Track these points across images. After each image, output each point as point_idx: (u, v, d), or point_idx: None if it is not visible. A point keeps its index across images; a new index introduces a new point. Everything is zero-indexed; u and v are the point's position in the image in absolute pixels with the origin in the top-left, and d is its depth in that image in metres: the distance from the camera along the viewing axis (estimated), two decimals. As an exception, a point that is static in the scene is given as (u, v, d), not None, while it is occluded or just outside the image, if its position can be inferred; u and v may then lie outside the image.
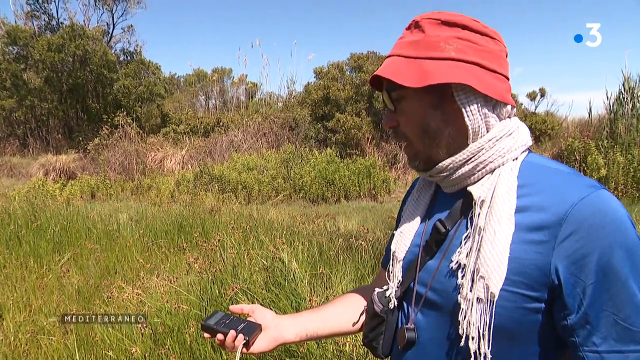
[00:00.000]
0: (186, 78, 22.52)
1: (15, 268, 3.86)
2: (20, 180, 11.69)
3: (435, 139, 0.68)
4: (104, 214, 6.19)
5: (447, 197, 0.74)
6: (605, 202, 0.58)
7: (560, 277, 0.58)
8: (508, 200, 0.62)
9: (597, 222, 0.57)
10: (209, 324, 0.86)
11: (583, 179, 0.62)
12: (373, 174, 9.59)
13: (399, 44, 0.72)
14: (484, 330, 0.60)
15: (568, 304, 0.58)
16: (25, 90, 14.80)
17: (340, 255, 3.73)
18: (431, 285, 0.69)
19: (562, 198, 0.59)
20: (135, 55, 17.49)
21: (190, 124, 14.14)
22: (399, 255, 0.78)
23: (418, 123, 0.69)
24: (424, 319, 0.71)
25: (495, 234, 0.61)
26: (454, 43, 0.66)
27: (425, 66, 0.65)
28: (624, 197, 7.68)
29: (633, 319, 0.56)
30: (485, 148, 0.66)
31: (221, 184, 9.20)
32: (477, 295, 0.61)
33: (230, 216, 5.60)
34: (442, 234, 0.70)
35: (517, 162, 0.67)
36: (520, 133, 0.69)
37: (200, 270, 2.53)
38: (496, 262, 0.60)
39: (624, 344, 0.56)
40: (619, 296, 0.56)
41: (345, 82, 13.06)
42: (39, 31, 16.84)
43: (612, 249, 0.56)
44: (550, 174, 0.64)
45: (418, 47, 0.67)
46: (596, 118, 10.88)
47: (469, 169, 0.67)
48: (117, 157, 11.74)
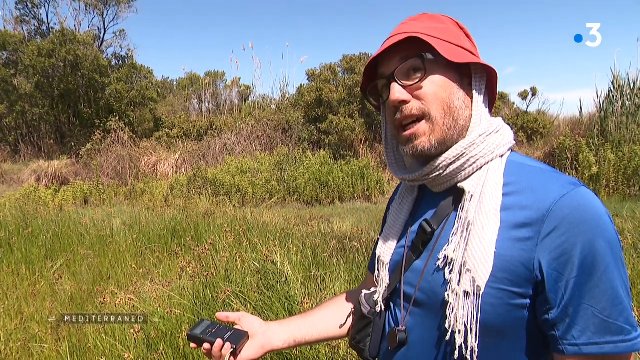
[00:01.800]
0: (179, 82, 22.45)
1: (6, 275, 3.82)
2: (12, 186, 11.57)
3: (456, 118, 0.68)
4: (97, 219, 6.15)
5: (433, 197, 0.75)
6: (585, 199, 0.60)
7: (544, 272, 0.59)
8: (495, 196, 0.64)
9: (578, 218, 0.58)
10: (195, 333, 0.86)
11: (563, 177, 0.63)
12: (367, 175, 9.60)
13: (414, 26, 0.70)
14: (471, 324, 0.61)
15: (550, 298, 0.59)
16: (15, 96, 14.66)
17: (334, 257, 3.74)
18: (419, 286, 0.70)
19: (544, 196, 0.61)
20: (127, 60, 17.38)
21: (184, 127, 14.08)
22: (385, 259, 0.78)
23: (446, 97, 0.67)
24: (412, 320, 0.71)
25: (484, 228, 0.62)
26: (468, 43, 0.72)
27: (455, 48, 0.69)
28: (615, 194, 7.75)
29: (609, 310, 0.57)
30: (476, 143, 0.68)
31: (215, 187, 9.17)
32: (464, 289, 0.61)
33: (224, 219, 5.59)
34: (429, 234, 0.71)
35: (503, 159, 0.68)
36: (505, 130, 0.71)
37: (192, 274, 2.52)
38: (483, 255, 0.61)
39: (601, 336, 0.57)
40: (597, 289, 0.57)
41: (337, 84, 13.07)
42: (28, 36, 16.70)
43: (593, 244, 0.57)
44: (532, 172, 0.65)
45: (444, 32, 0.70)
46: (587, 116, 10.98)
47: (460, 165, 0.68)
48: (110, 162, 11.67)
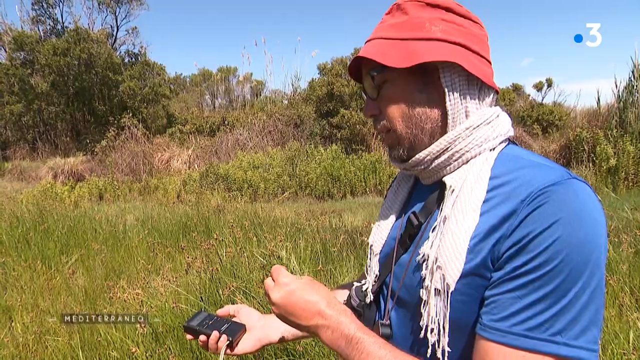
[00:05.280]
0: (192, 78, 22.66)
1: (23, 270, 3.92)
2: (30, 183, 11.85)
3: (420, 124, 0.65)
4: (111, 215, 6.25)
5: (424, 189, 0.72)
6: (569, 192, 0.53)
7: (499, 261, 0.54)
8: (476, 190, 0.60)
9: (551, 209, 0.52)
10: (191, 325, 0.86)
11: (555, 170, 0.57)
12: (379, 169, 9.55)
13: (379, 28, 0.69)
14: (443, 322, 0.58)
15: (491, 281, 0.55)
16: (32, 95, 14.99)
17: (344, 251, 3.72)
18: (403, 281, 0.68)
19: (527, 185, 0.56)
20: (140, 57, 17.60)
21: (196, 123, 14.22)
22: (376, 249, 0.76)
23: (403, 107, 0.66)
24: (395, 314, 0.70)
25: (457, 223, 0.58)
26: (439, 24, 0.64)
27: (411, 46, 0.63)
28: (634, 187, 7.55)
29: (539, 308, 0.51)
30: (461, 137, 0.63)
31: (227, 182, 9.23)
32: (435, 286, 0.59)
33: (235, 214, 5.62)
34: (416, 227, 0.68)
35: (494, 152, 0.64)
36: (499, 122, 0.66)
37: (198, 269, 2.54)
38: (454, 252, 0.57)
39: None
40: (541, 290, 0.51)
41: (349, 78, 13.00)
42: (44, 36, 17.04)
43: (556, 242, 0.51)
44: (525, 164, 0.60)
45: (402, 28, 0.65)
46: (605, 107, 10.68)
47: (445, 159, 0.65)
48: (124, 159, 11.85)
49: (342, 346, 0.62)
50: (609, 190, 7.06)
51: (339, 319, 0.63)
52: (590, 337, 0.50)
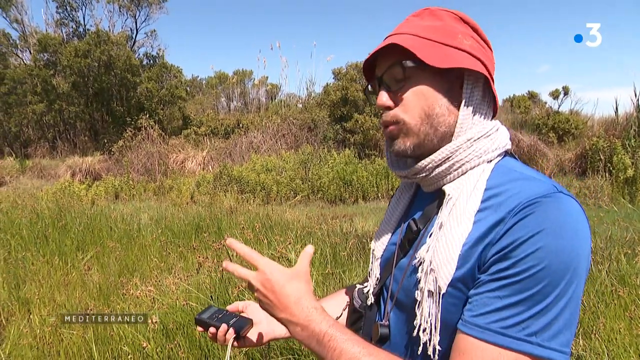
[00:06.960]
0: (208, 80, 22.95)
1: (42, 265, 4.04)
2: (49, 181, 12.15)
3: (435, 125, 0.68)
4: (126, 214, 6.38)
5: (424, 198, 0.76)
6: (555, 204, 0.57)
7: (485, 265, 0.58)
8: (472, 200, 0.63)
9: (536, 220, 0.55)
10: (202, 317, 0.90)
11: (544, 183, 0.60)
12: (391, 175, 9.52)
13: (410, 25, 0.70)
14: (435, 322, 0.62)
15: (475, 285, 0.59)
16: (54, 95, 15.40)
17: (353, 255, 3.74)
18: (401, 284, 0.71)
19: (515, 198, 0.59)
20: (158, 59, 17.93)
21: (211, 125, 14.38)
22: (377, 253, 0.80)
23: (425, 104, 0.67)
24: (394, 316, 0.73)
25: (451, 229, 0.62)
26: (469, 40, 0.69)
27: (446, 50, 0.67)
28: (652, 198, 7.37)
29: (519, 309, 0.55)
30: (462, 148, 0.67)
31: (240, 185, 9.32)
32: (428, 288, 0.62)
33: (247, 216, 5.69)
34: (415, 233, 0.72)
35: (491, 164, 0.68)
36: (498, 135, 0.70)
37: (209, 269, 2.59)
38: (446, 257, 0.61)
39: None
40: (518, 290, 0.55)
41: (364, 83, 13.01)
42: (67, 38, 17.49)
43: (538, 250, 0.54)
44: (515, 177, 0.64)
45: (437, 32, 0.68)
46: (623, 116, 10.49)
47: (445, 168, 0.68)
48: (140, 159, 12.06)
49: (312, 344, 0.63)
50: (625, 201, 6.92)
51: (308, 317, 0.64)
52: (564, 340, 0.54)
